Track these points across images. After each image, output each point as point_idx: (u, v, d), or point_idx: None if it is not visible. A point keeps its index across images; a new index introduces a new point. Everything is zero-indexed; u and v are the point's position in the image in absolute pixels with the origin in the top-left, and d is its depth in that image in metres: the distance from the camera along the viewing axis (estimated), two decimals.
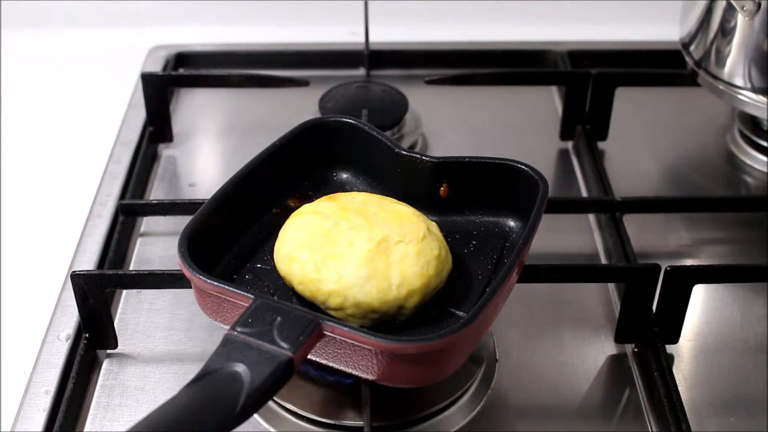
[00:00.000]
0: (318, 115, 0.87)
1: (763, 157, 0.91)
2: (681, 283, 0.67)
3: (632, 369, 0.70)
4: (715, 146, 0.95)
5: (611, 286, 0.77)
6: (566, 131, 0.94)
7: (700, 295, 0.75)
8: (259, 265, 0.65)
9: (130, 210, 0.81)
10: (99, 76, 1.05)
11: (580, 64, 1.02)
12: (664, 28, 0.96)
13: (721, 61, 0.85)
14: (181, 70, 1.04)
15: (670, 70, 0.95)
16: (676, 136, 0.96)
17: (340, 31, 1.07)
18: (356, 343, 0.54)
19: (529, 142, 0.95)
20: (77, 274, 0.67)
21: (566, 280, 0.72)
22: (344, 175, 0.73)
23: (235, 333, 0.52)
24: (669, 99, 1.00)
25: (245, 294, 0.56)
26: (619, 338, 0.72)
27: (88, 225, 0.81)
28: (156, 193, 0.88)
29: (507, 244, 0.66)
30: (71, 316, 0.71)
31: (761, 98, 0.83)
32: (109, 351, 0.71)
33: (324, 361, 0.57)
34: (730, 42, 0.84)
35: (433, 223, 0.66)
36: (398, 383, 0.57)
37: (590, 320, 0.74)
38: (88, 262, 0.77)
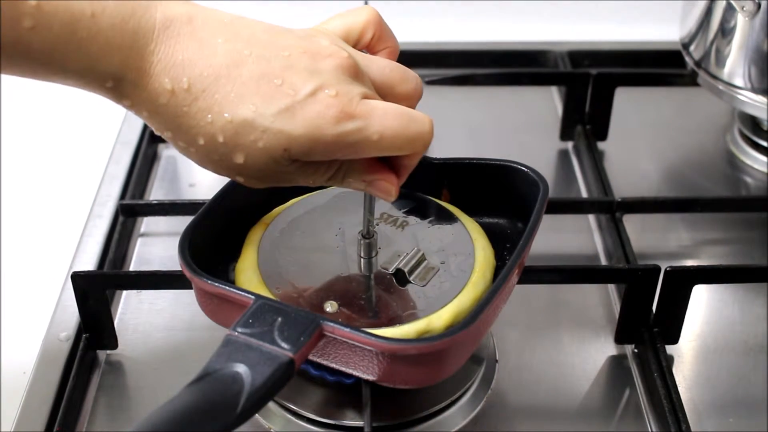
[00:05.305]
0: None
1: (763, 157, 0.91)
2: (681, 283, 0.67)
3: (632, 370, 0.70)
4: (715, 146, 0.95)
5: (611, 286, 0.77)
6: (566, 131, 0.94)
7: (700, 295, 0.75)
8: None
9: (130, 210, 0.81)
10: None
11: (580, 64, 1.02)
12: (664, 28, 0.96)
13: (721, 61, 0.85)
14: None
15: (670, 70, 0.95)
16: (676, 136, 0.96)
17: None
18: (356, 343, 0.54)
19: (529, 142, 0.95)
20: (77, 274, 0.67)
21: (566, 281, 0.72)
22: None
23: (236, 333, 0.52)
24: (669, 99, 1.00)
25: (246, 295, 0.56)
26: (619, 339, 0.72)
27: (88, 225, 0.81)
28: (156, 193, 0.88)
29: (507, 245, 0.66)
30: (71, 316, 0.71)
31: (761, 98, 0.83)
32: (109, 351, 0.71)
33: (324, 362, 0.57)
34: (730, 42, 0.84)
35: None
36: (399, 384, 0.57)
37: (590, 321, 0.74)
38: (88, 262, 0.77)
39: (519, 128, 0.97)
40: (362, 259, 0.63)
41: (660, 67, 1.00)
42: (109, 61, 0.50)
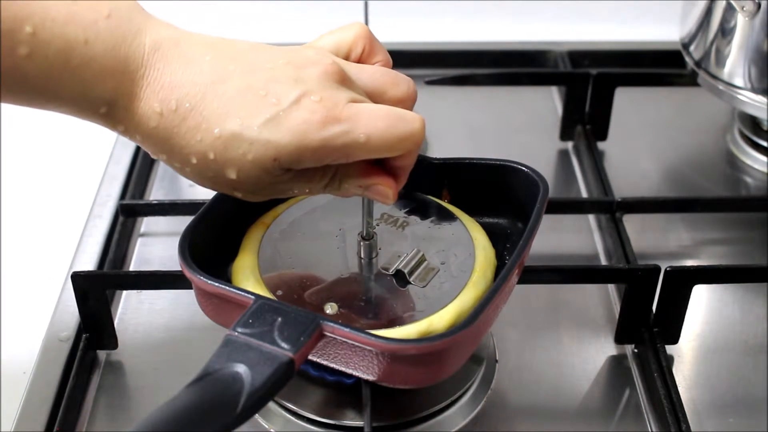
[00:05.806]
0: None
1: (763, 157, 0.91)
2: (681, 283, 0.67)
3: (632, 370, 0.70)
4: (715, 146, 0.95)
5: (611, 286, 0.77)
6: (566, 131, 0.94)
7: (700, 295, 0.75)
8: None
9: (130, 210, 0.81)
10: None
11: (580, 64, 1.02)
12: (664, 28, 0.96)
13: (721, 61, 0.85)
14: None
15: (670, 70, 0.95)
16: (676, 136, 0.96)
17: None
18: (356, 343, 0.54)
19: (529, 142, 0.95)
20: (77, 274, 0.67)
21: (566, 281, 0.72)
22: None
23: (236, 333, 0.52)
24: (669, 99, 1.00)
25: (245, 295, 0.56)
26: (619, 339, 0.72)
27: (88, 225, 0.81)
28: (156, 193, 0.88)
29: (507, 245, 0.66)
30: (71, 316, 0.71)
31: (761, 98, 0.83)
32: (109, 351, 0.71)
33: (324, 362, 0.57)
34: (730, 42, 0.84)
35: None
36: (399, 384, 0.57)
37: (590, 321, 0.74)
38: (88, 262, 0.77)
39: (519, 128, 0.97)
40: (362, 261, 0.63)
41: (660, 67, 1.00)
42: (103, 87, 0.50)
